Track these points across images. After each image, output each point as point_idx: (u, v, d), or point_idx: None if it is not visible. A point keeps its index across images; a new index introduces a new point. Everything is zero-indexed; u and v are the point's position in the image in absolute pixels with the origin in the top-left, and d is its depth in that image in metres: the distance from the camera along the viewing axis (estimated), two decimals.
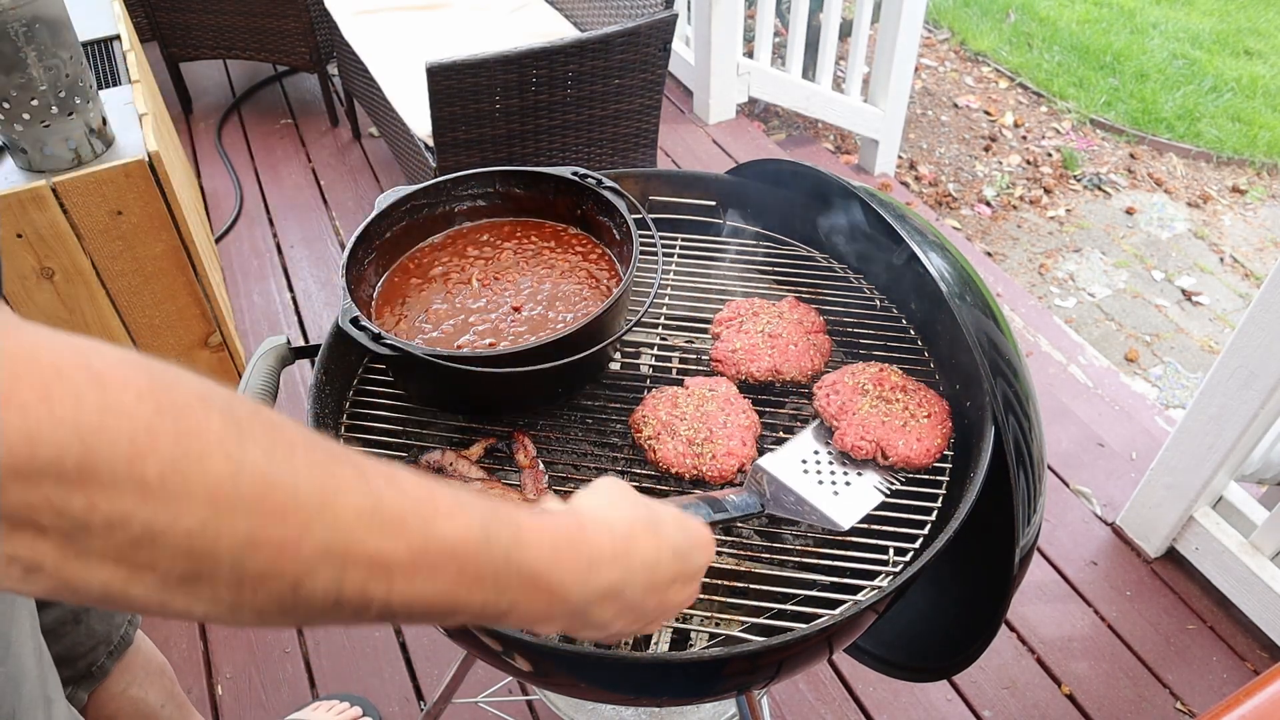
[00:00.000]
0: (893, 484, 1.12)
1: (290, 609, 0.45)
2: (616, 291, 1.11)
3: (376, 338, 1.04)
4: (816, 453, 1.14)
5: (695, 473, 1.09)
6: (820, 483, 1.10)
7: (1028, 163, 4.12)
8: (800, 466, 1.12)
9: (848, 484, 1.11)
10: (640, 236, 1.19)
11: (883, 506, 1.10)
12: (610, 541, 0.62)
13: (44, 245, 2.04)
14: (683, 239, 1.49)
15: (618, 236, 1.24)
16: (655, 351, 1.34)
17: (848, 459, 1.13)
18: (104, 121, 2.05)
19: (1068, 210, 3.89)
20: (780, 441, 1.17)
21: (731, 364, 1.23)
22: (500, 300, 1.21)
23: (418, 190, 1.26)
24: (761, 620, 1.10)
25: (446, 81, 2.29)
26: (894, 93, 3.33)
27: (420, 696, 1.98)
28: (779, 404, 1.24)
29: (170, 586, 0.41)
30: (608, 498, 0.68)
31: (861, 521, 1.10)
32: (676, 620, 1.14)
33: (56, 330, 0.38)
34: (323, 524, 0.44)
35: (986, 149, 4.18)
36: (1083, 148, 4.23)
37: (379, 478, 0.49)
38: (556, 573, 0.57)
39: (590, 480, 1.19)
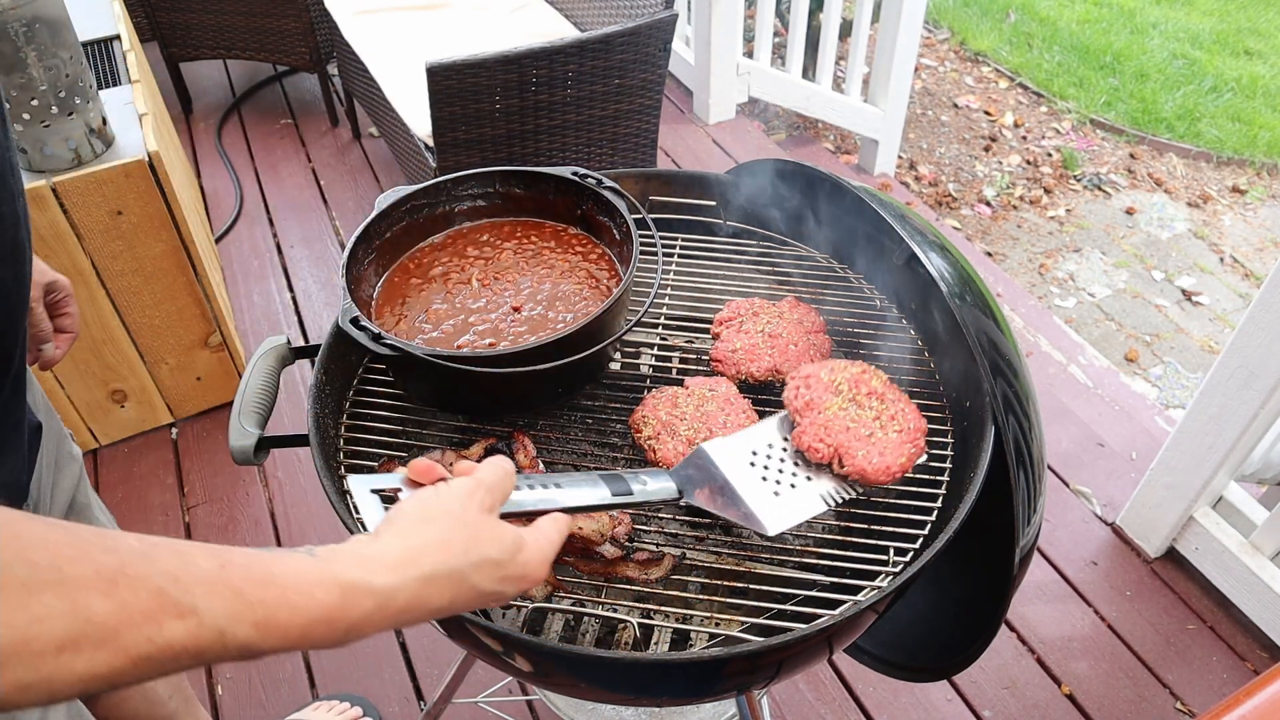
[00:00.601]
0: (844, 496, 1.05)
1: None
2: (616, 291, 1.11)
3: (376, 338, 1.04)
4: (771, 446, 1.07)
5: None
6: (764, 479, 1.03)
7: (1028, 163, 4.12)
8: (749, 457, 1.05)
9: (793, 486, 1.04)
10: (640, 236, 1.19)
11: (883, 507, 1.10)
12: (375, 607, 0.61)
13: (44, 245, 2.04)
14: (683, 239, 1.49)
15: (618, 236, 1.24)
16: (655, 351, 1.34)
17: (803, 459, 1.07)
18: (104, 121, 2.05)
19: (1068, 210, 3.89)
20: None
21: (731, 364, 1.23)
22: (500, 300, 1.21)
23: (418, 190, 1.26)
24: (761, 620, 1.10)
25: (446, 81, 2.29)
26: (894, 93, 3.33)
27: (420, 696, 1.98)
28: (779, 404, 1.24)
29: None
30: (406, 539, 0.66)
31: (861, 522, 1.10)
32: (678, 621, 1.14)
33: None
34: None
35: (986, 149, 4.18)
36: (1083, 148, 4.23)
37: (92, 590, 0.49)
38: (308, 644, 0.58)
39: None
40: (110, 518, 1.32)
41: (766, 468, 1.05)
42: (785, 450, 1.08)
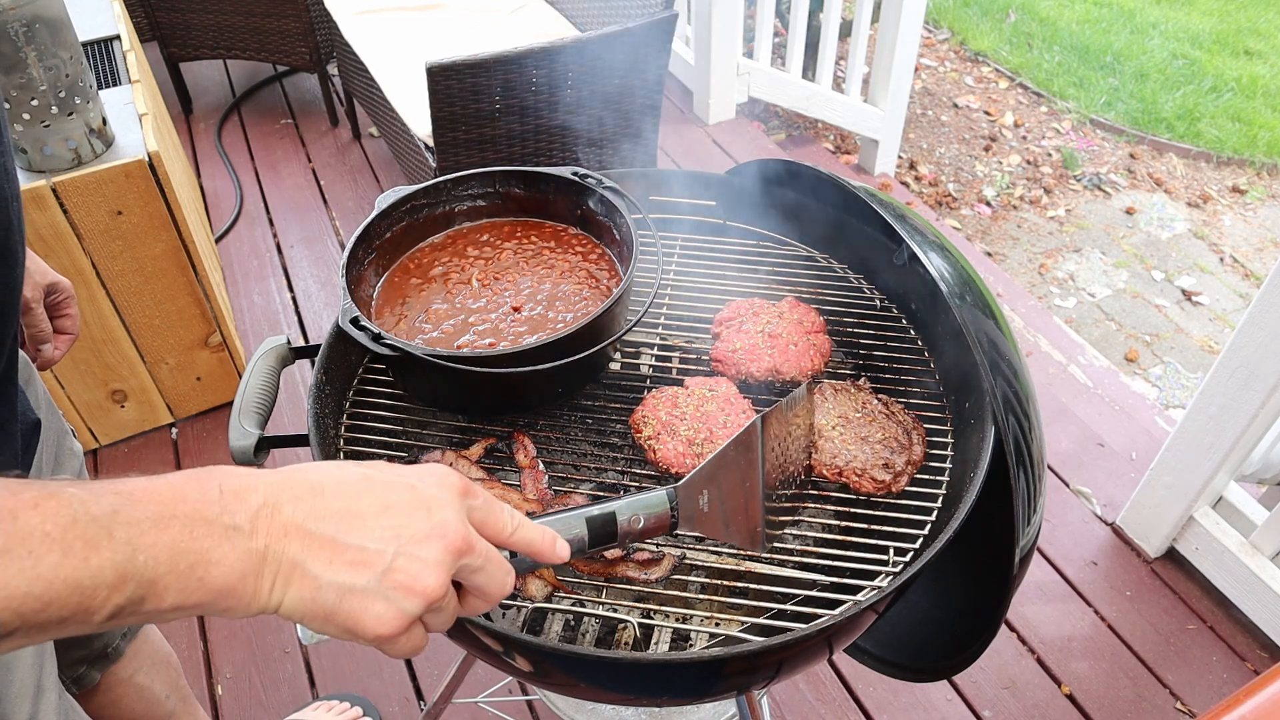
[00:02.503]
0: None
1: None
2: (616, 291, 1.11)
3: (376, 338, 1.04)
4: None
5: None
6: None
7: (1028, 163, 4.12)
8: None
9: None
10: (640, 236, 1.19)
11: (883, 507, 1.10)
12: (256, 476, 0.57)
13: (44, 245, 2.04)
14: (683, 239, 1.49)
15: (618, 236, 1.24)
16: (655, 351, 1.34)
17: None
18: (104, 121, 2.05)
19: (1068, 210, 3.89)
20: None
21: (731, 364, 1.23)
22: (500, 300, 1.21)
23: (418, 190, 1.26)
24: (761, 620, 1.10)
25: (446, 81, 2.29)
26: (894, 93, 3.33)
27: (420, 696, 1.98)
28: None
29: None
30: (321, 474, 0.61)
31: (861, 521, 1.10)
32: (678, 621, 1.14)
33: None
34: None
35: (986, 149, 4.18)
36: (1083, 148, 4.23)
37: None
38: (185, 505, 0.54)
39: (590, 480, 1.19)
40: None
41: None
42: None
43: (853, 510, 1.12)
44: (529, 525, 0.69)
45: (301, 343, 1.22)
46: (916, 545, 1.06)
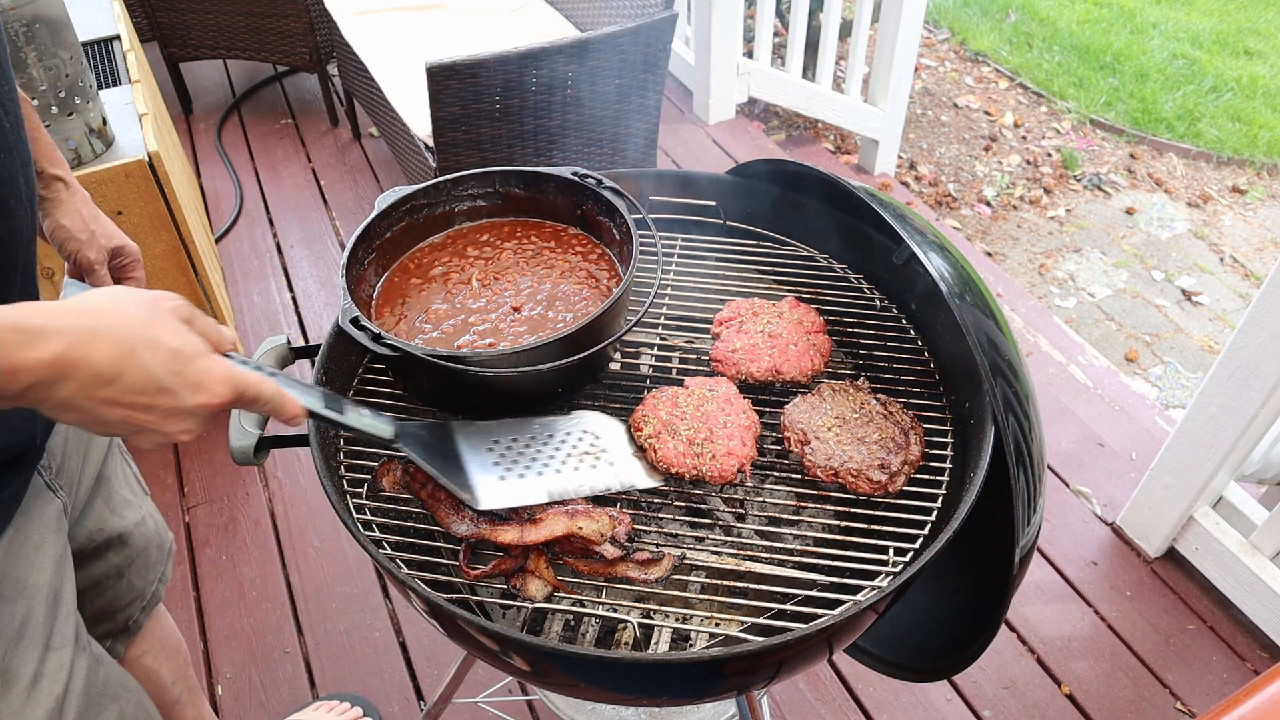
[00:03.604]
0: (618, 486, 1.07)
1: None
2: (616, 291, 1.11)
3: (376, 338, 1.04)
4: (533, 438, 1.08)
5: (695, 472, 1.09)
6: (496, 464, 1.04)
7: (1028, 163, 4.12)
8: (489, 444, 1.06)
9: (521, 476, 1.04)
10: (640, 236, 1.19)
11: (883, 506, 1.10)
12: (26, 343, 0.62)
13: (43, 245, 2.03)
14: (683, 239, 1.49)
15: (618, 236, 1.24)
16: (655, 351, 1.34)
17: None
18: (104, 121, 2.05)
19: (1068, 210, 3.89)
20: (779, 442, 1.17)
21: (731, 364, 1.23)
22: (500, 300, 1.21)
23: (418, 190, 1.26)
24: (761, 620, 1.10)
25: (446, 81, 2.29)
26: (894, 93, 3.33)
27: (420, 696, 1.98)
28: (779, 404, 1.24)
29: None
30: (85, 299, 0.68)
31: (861, 521, 1.10)
32: (678, 621, 1.14)
33: None
34: None
35: (986, 149, 4.18)
36: (1083, 148, 4.23)
37: None
38: None
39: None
40: (135, 490, 1.34)
41: (505, 456, 1.06)
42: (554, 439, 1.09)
43: (852, 510, 1.12)
44: (281, 401, 0.82)
45: (301, 343, 1.22)
46: (916, 545, 1.06)
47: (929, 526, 1.08)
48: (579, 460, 1.08)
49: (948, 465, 1.15)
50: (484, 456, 1.05)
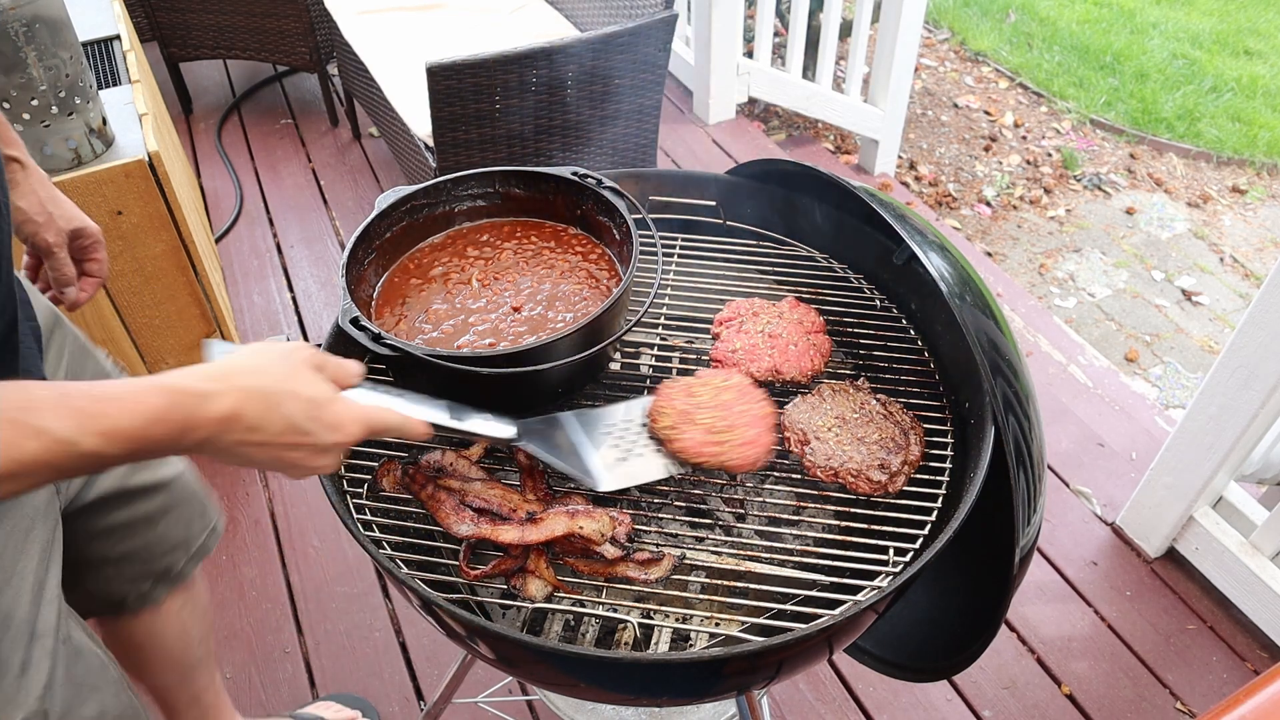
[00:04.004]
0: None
1: None
2: (616, 291, 1.11)
3: (376, 338, 1.04)
4: (629, 422, 1.13)
5: (718, 462, 1.08)
6: (615, 446, 1.10)
7: (1028, 163, 4.12)
8: (605, 429, 1.11)
9: (640, 455, 1.10)
10: (640, 236, 1.19)
11: (883, 506, 1.10)
12: (196, 406, 0.74)
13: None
14: (683, 239, 1.49)
15: (618, 236, 1.24)
16: (655, 351, 1.34)
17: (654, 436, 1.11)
18: (104, 121, 2.05)
19: (1068, 210, 3.89)
20: (779, 442, 1.17)
21: (731, 364, 1.23)
22: (500, 300, 1.21)
23: (418, 190, 1.26)
24: (761, 620, 1.10)
25: (446, 81, 2.29)
26: (894, 93, 3.33)
27: (420, 696, 1.98)
28: (779, 404, 1.24)
29: None
30: (229, 360, 0.80)
31: (861, 521, 1.10)
32: (678, 621, 1.14)
33: None
34: None
35: (986, 149, 4.18)
36: (1083, 148, 4.23)
37: None
38: (150, 445, 0.71)
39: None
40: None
41: (621, 438, 1.11)
42: (643, 424, 1.13)
43: (852, 510, 1.12)
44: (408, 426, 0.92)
45: (301, 343, 1.22)
46: (916, 545, 1.06)
47: (929, 527, 1.08)
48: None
49: (948, 465, 1.15)
50: (600, 439, 1.09)
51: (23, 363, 0.96)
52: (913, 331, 1.33)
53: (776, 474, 1.18)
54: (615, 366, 1.31)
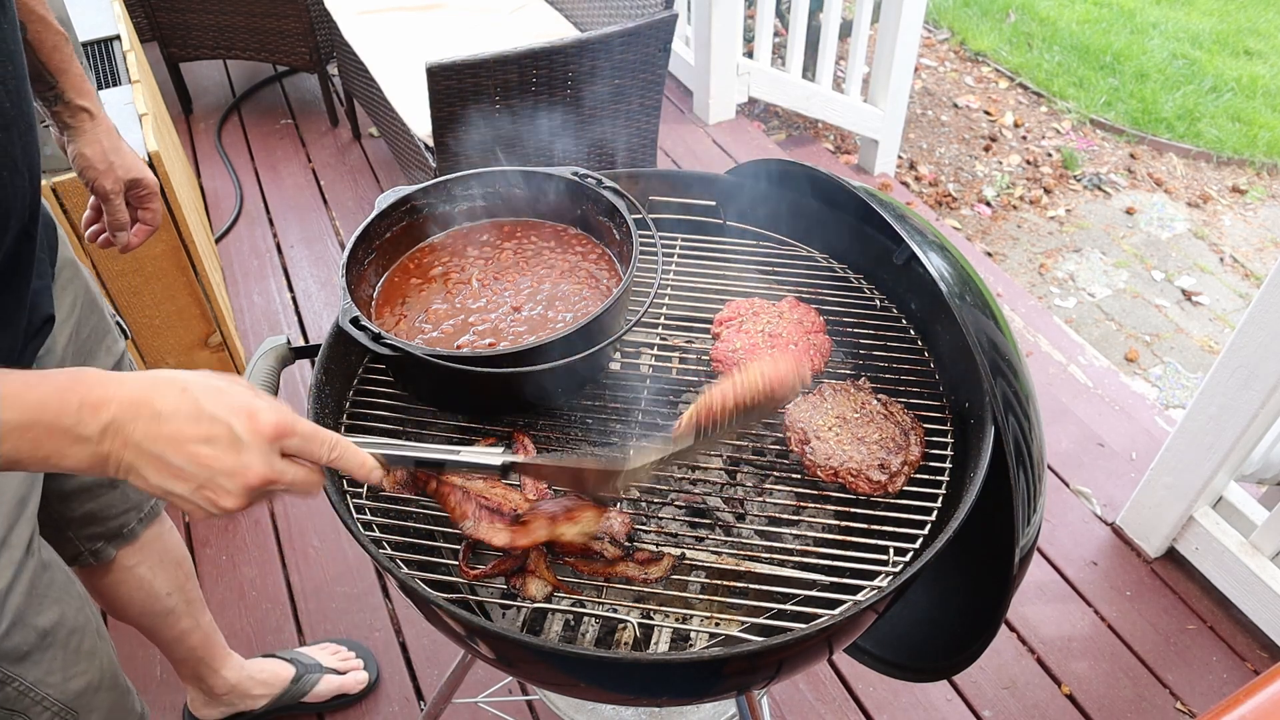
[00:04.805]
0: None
1: None
2: (616, 291, 1.11)
3: (376, 338, 1.04)
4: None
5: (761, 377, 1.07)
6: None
7: (1028, 163, 4.12)
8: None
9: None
10: (640, 236, 1.19)
11: (883, 506, 1.10)
12: (117, 389, 0.73)
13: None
14: (683, 239, 1.49)
15: (618, 236, 1.24)
16: (655, 351, 1.34)
17: None
18: None
19: (1068, 210, 3.89)
20: (779, 441, 1.17)
21: (731, 364, 1.23)
22: (500, 300, 1.21)
23: (418, 190, 1.26)
24: (761, 620, 1.10)
25: (446, 81, 2.29)
26: (894, 93, 3.33)
27: (420, 696, 1.98)
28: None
29: None
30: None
31: (861, 521, 1.10)
32: (678, 621, 1.14)
33: None
34: None
35: (986, 149, 4.18)
36: (1083, 148, 4.23)
37: None
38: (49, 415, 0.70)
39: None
40: None
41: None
42: None
43: (852, 510, 1.12)
44: (348, 453, 0.84)
45: (301, 343, 1.22)
46: (916, 545, 1.06)
47: (929, 526, 1.08)
48: None
49: (948, 465, 1.15)
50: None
51: (36, 281, 1.03)
52: (912, 331, 1.33)
53: (777, 474, 1.18)
54: (615, 366, 1.31)
